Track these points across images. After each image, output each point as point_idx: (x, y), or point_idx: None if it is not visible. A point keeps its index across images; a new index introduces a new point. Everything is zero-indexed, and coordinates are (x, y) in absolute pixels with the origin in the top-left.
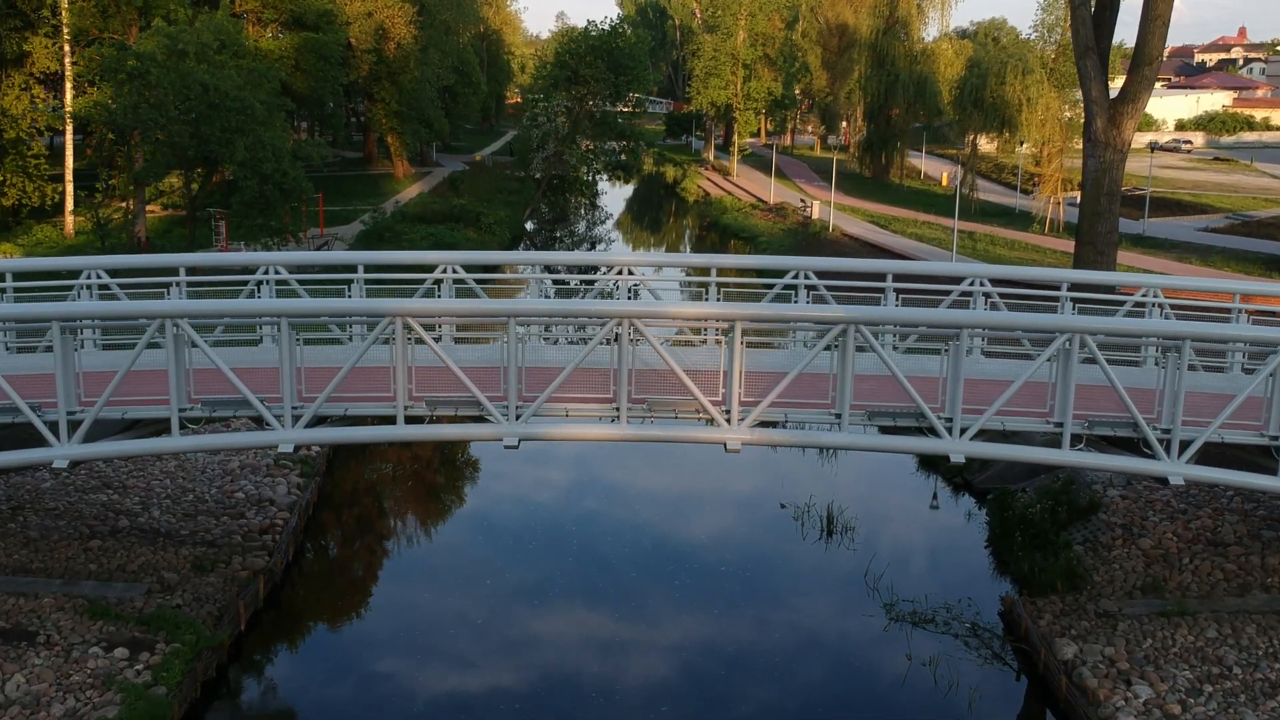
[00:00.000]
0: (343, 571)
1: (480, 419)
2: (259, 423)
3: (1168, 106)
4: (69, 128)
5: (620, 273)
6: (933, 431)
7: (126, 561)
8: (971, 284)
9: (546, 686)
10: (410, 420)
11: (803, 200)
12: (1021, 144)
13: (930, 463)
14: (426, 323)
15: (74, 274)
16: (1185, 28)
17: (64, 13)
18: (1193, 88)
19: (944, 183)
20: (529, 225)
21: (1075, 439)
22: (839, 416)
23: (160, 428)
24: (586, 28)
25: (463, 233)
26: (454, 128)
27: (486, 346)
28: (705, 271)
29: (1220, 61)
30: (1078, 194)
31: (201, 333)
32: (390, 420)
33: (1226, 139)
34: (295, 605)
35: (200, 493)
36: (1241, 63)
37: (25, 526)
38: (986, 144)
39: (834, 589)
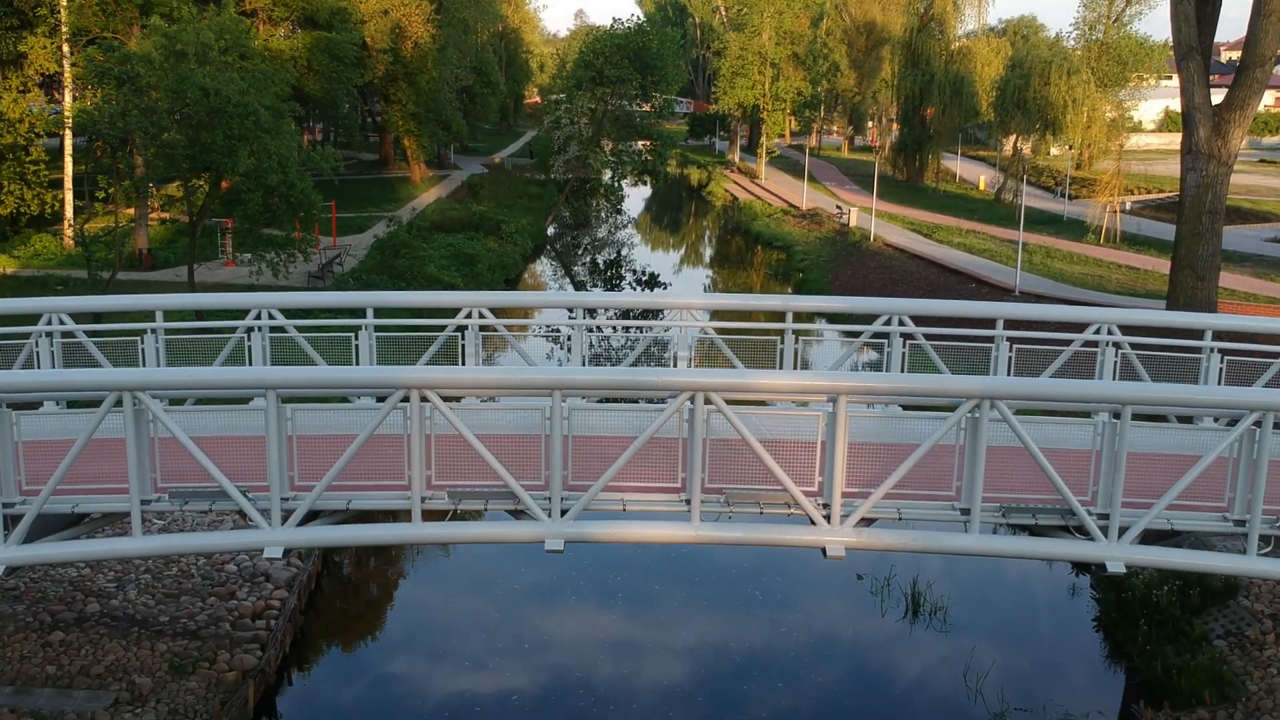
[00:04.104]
0: (350, 667)
1: (517, 512)
2: (243, 513)
3: None
4: (67, 133)
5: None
6: (1081, 531)
7: (92, 661)
8: (1097, 330)
9: None
10: (428, 516)
11: (838, 206)
12: (1070, 147)
13: None
14: (451, 394)
15: (33, 317)
16: None
17: (62, 10)
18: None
19: (981, 186)
20: (550, 230)
21: (1262, 539)
22: (966, 513)
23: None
24: (612, 25)
25: (483, 242)
26: (472, 129)
27: (523, 412)
28: (779, 316)
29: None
30: (1128, 199)
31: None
32: (404, 515)
33: (1269, 140)
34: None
35: (185, 565)
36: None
37: None
38: (1024, 146)
39: (931, 692)
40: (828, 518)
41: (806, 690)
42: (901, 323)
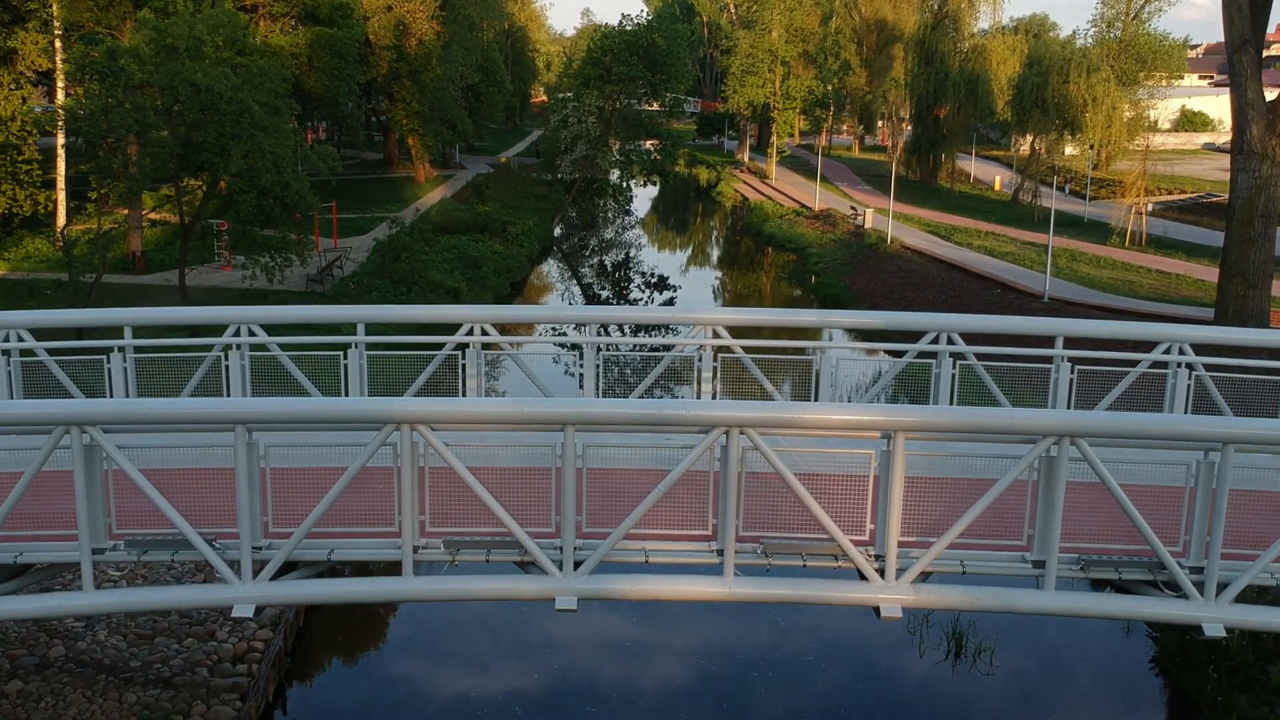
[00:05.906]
0: (342, 714)
1: (524, 564)
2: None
3: (1222, 105)
4: (60, 131)
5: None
6: (1171, 586)
7: (54, 715)
8: (1167, 350)
9: None
10: (421, 568)
11: (853, 207)
12: (1091, 147)
13: None
14: (447, 430)
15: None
16: (1215, 24)
17: (54, 4)
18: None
19: (996, 187)
20: (557, 231)
21: None
22: (1039, 565)
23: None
24: (621, 23)
25: (488, 244)
26: (477, 128)
27: (531, 447)
28: (813, 333)
29: (1268, 59)
30: (1152, 200)
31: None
32: (393, 568)
33: None
34: None
35: None
36: None
37: None
38: (1040, 146)
39: None
40: (880, 571)
41: None
42: (950, 340)
